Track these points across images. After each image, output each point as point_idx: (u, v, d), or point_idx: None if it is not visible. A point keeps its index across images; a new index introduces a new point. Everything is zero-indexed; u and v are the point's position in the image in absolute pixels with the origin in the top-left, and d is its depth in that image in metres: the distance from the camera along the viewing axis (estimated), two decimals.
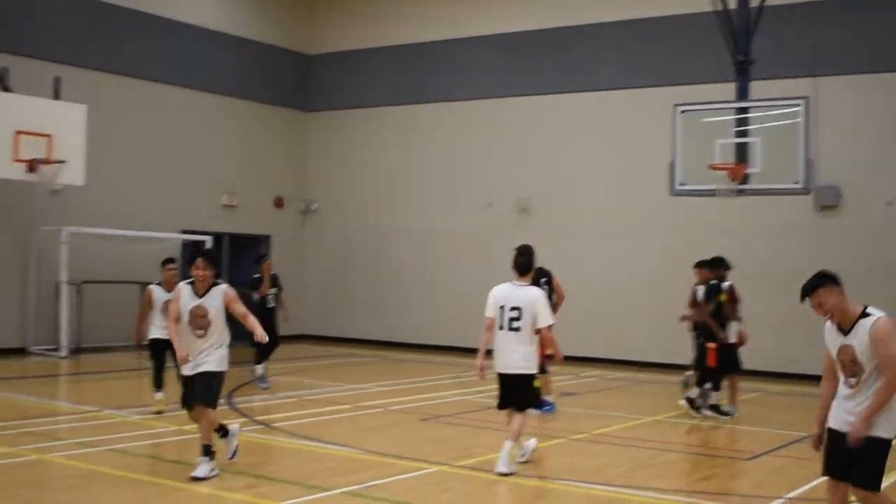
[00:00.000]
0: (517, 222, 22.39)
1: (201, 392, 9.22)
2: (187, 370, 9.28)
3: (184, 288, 9.38)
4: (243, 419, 12.62)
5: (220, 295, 9.25)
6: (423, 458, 10.28)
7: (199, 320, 9.19)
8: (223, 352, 9.36)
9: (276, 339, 16.24)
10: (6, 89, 19.21)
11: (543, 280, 13.39)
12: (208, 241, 21.93)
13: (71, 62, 20.75)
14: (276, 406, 14.16)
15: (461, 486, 9.23)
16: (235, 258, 24.26)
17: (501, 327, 9.95)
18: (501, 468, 9.55)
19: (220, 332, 9.30)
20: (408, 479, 9.42)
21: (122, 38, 22.00)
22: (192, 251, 22.46)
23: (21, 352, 19.94)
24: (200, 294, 9.25)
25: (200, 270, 9.26)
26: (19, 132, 18.34)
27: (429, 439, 11.79)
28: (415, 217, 24.38)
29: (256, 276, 16.15)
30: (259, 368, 15.86)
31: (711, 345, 13.60)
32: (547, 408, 13.67)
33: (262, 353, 15.95)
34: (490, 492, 9.19)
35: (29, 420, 12.33)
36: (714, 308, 13.74)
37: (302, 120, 26.33)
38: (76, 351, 20.01)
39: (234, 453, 9.64)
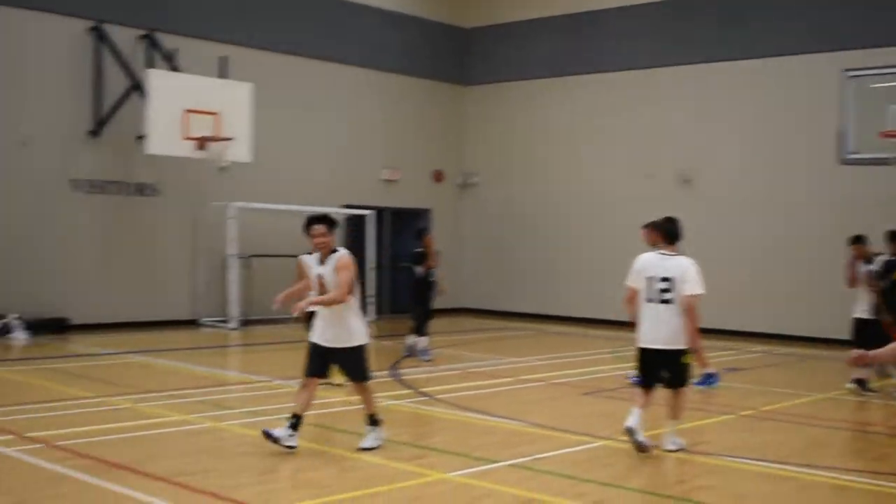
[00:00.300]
0: (679, 193, 21.92)
1: (353, 372, 9.32)
2: (318, 338, 9.20)
3: (313, 256, 9.29)
4: (407, 390, 12.82)
5: (334, 261, 9.09)
6: (587, 433, 10.22)
7: (321, 288, 9.14)
8: (356, 322, 9.25)
9: (430, 312, 16.44)
10: (175, 69, 19.91)
11: None
12: (369, 216, 22.27)
13: (236, 42, 21.33)
14: (439, 378, 14.28)
15: (626, 461, 9.11)
16: (397, 232, 24.65)
17: (650, 300, 9.41)
18: (669, 446, 9.40)
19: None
20: (573, 452, 9.39)
21: (284, 16, 22.49)
22: (353, 226, 22.98)
23: (192, 324, 20.69)
24: (322, 261, 9.19)
25: (317, 238, 9.08)
26: (188, 111, 18.95)
27: (592, 413, 11.73)
28: (574, 189, 24.18)
29: (418, 250, 16.33)
30: (421, 341, 16.05)
31: (889, 320, 13.08)
32: (711, 380, 13.43)
33: (419, 325, 16.15)
34: (656, 467, 9.05)
35: (202, 389, 12.80)
36: (889, 285, 13.17)
37: (460, 94, 26.39)
38: (245, 323, 20.63)
39: (371, 447, 9.20)
